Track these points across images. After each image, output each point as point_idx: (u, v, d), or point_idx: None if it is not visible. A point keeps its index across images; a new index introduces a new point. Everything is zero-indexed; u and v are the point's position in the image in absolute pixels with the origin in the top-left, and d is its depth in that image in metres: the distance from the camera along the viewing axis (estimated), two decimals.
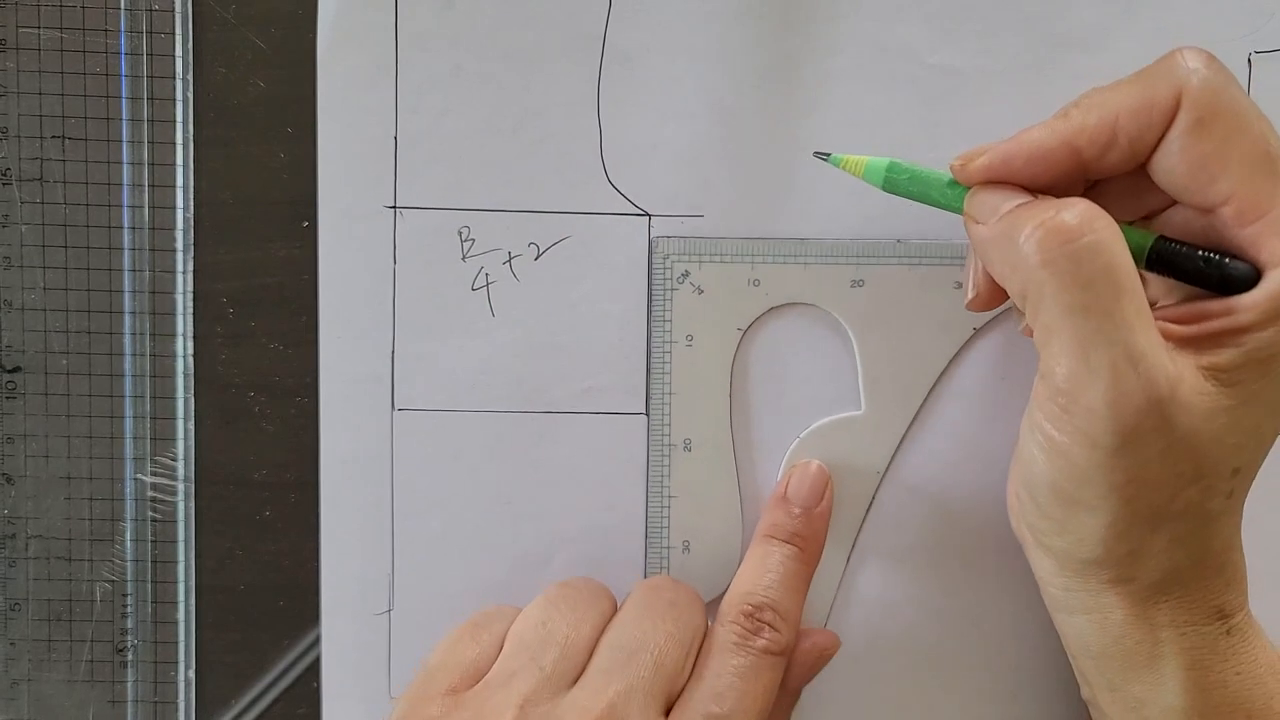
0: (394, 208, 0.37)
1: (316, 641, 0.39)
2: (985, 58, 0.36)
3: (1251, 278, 0.29)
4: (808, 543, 0.36)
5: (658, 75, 0.37)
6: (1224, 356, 0.29)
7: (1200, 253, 0.29)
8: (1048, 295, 0.28)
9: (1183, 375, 0.28)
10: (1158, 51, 0.36)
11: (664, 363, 0.37)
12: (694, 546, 0.38)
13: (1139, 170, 0.31)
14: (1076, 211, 0.28)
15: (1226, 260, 0.29)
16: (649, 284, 0.37)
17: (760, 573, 0.35)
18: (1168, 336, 0.29)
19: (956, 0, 0.36)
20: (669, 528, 0.38)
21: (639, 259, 0.37)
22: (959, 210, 0.32)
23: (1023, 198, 0.30)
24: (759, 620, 0.33)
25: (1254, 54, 0.36)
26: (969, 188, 0.32)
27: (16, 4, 0.37)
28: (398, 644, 0.38)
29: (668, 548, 0.38)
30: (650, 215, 0.37)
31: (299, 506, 0.38)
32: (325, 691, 0.38)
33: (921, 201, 0.33)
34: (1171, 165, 0.29)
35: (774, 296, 0.37)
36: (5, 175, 0.37)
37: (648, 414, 0.37)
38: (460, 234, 0.37)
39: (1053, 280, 0.28)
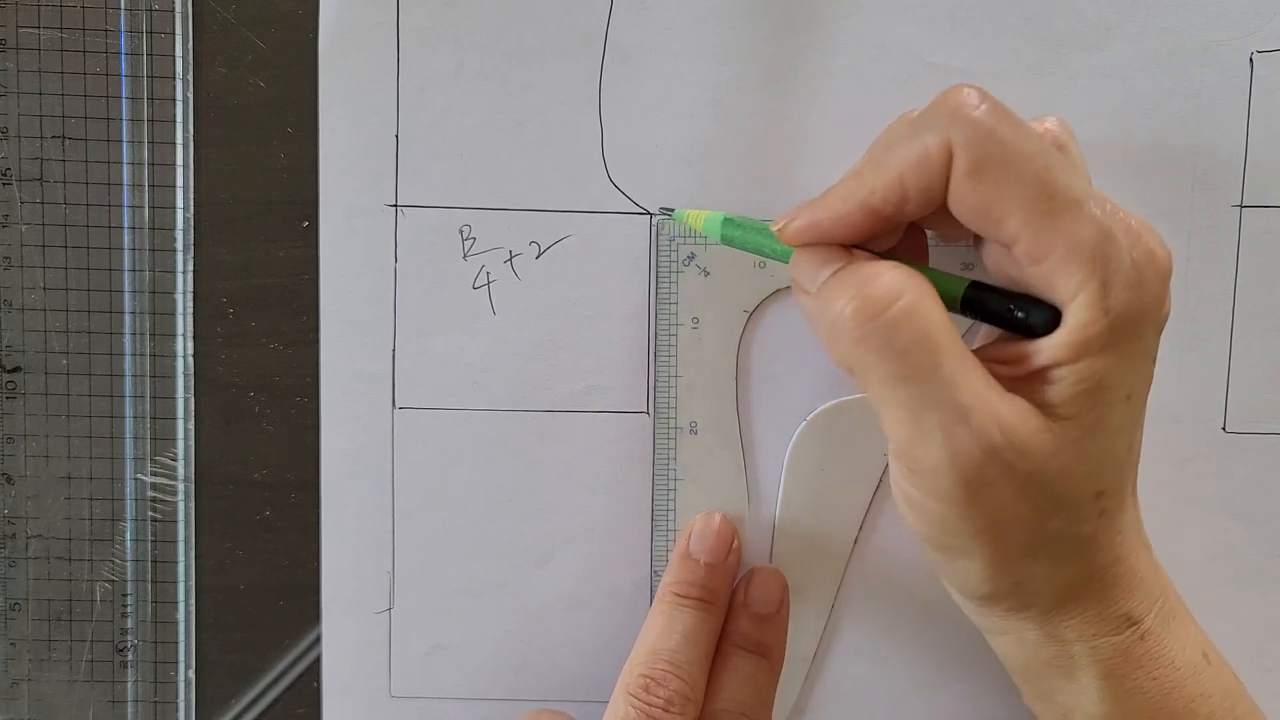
0: (395, 206, 0.37)
1: (316, 641, 0.39)
2: (985, 58, 0.37)
3: (1051, 320, 0.28)
4: (715, 596, 0.36)
5: (658, 74, 0.37)
6: (1050, 394, 0.28)
7: (1002, 303, 0.29)
8: (870, 368, 0.29)
9: (1020, 417, 0.28)
10: (1159, 51, 0.36)
11: (669, 346, 0.37)
12: None
13: None
14: (883, 282, 0.28)
15: (1020, 314, 0.29)
16: (654, 267, 0.37)
17: (665, 634, 0.35)
18: (998, 378, 0.29)
19: (957, 0, 0.36)
20: (675, 510, 0.38)
21: (640, 257, 0.37)
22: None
23: (839, 261, 0.30)
24: (656, 695, 0.33)
25: (1256, 54, 0.36)
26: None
27: (16, 4, 0.37)
28: (398, 643, 0.38)
29: (673, 530, 0.38)
30: (651, 214, 0.37)
31: (299, 506, 0.38)
32: (325, 691, 0.38)
33: (756, 254, 0.34)
34: (960, 210, 0.29)
35: (780, 279, 0.37)
36: (5, 175, 0.37)
37: (649, 413, 0.37)
38: (461, 232, 0.37)
39: (871, 355, 0.28)
